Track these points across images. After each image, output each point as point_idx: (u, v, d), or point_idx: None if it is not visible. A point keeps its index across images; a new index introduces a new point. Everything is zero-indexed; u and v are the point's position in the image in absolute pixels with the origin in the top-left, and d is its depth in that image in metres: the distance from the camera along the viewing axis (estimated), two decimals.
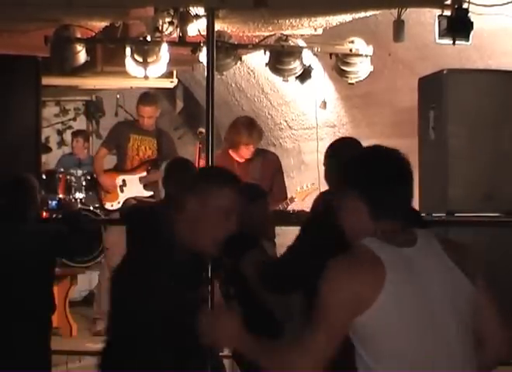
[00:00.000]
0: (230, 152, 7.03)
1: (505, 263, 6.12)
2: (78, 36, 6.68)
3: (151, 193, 7.85)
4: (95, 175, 8.28)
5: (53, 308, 5.19)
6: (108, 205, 7.85)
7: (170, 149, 7.92)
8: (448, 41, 6.18)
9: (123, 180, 7.84)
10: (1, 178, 5.26)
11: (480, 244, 6.17)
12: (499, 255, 6.15)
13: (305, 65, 7.25)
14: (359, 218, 2.54)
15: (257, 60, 7.99)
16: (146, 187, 7.87)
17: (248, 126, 6.99)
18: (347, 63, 7.32)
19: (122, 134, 7.88)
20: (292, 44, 7.16)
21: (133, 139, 7.84)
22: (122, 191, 7.84)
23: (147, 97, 8.00)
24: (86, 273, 8.88)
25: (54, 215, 7.63)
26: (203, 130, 6.53)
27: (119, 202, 7.81)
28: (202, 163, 6.61)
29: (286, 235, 4.77)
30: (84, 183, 8.64)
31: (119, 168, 7.92)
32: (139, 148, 7.85)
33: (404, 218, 2.57)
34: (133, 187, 7.82)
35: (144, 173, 7.86)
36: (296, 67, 7.24)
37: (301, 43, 7.27)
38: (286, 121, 9.77)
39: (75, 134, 10.13)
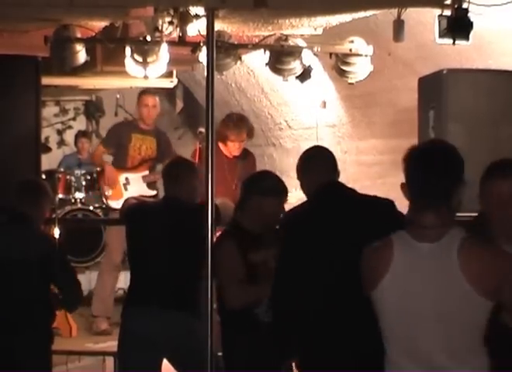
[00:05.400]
0: (220, 145, 7.09)
1: None
2: (78, 35, 6.68)
3: (155, 192, 7.85)
4: (98, 169, 8.24)
5: (53, 316, 5.10)
6: (114, 204, 7.78)
7: (167, 150, 7.94)
8: (448, 41, 6.18)
9: (126, 179, 7.82)
10: (1, 178, 5.25)
11: None
12: None
13: (305, 65, 7.25)
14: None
15: (257, 59, 7.98)
16: (149, 185, 7.87)
17: (238, 124, 7.03)
18: (347, 63, 7.32)
19: (123, 134, 7.88)
20: (291, 44, 7.15)
21: (135, 138, 7.84)
22: (126, 189, 7.81)
23: (148, 90, 8.02)
24: (86, 273, 8.87)
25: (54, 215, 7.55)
26: (203, 130, 6.53)
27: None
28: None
29: None
30: (84, 183, 8.64)
31: (121, 166, 7.90)
32: (140, 147, 7.86)
33: None
34: (136, 186, 7.81)
35: (146, 172, 7.86)
36: (296, 66, 7.23)
37: (301, 42, 7.26)
38: (286, 121, 9.77)
39: (80, 135, 10.13)
